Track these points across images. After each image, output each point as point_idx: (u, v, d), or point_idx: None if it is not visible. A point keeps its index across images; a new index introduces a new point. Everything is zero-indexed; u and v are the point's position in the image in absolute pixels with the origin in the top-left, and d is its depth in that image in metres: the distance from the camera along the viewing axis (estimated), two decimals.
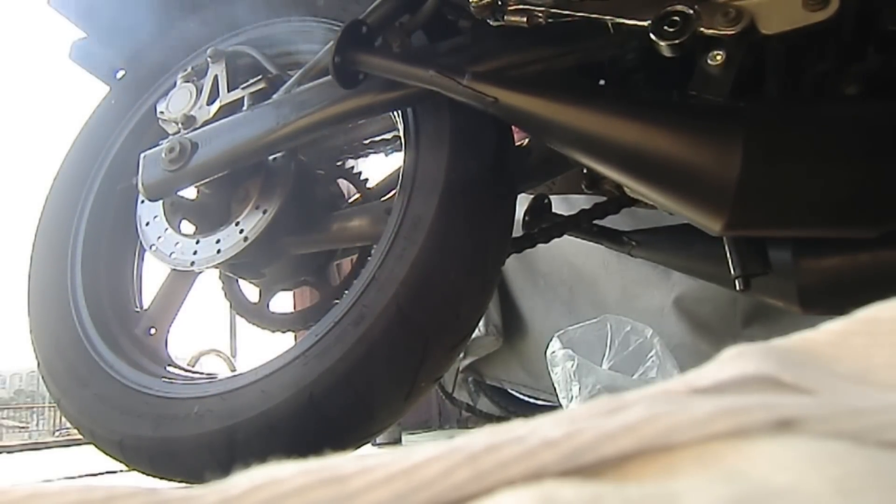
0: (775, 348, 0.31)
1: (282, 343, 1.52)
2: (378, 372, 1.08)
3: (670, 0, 0.84)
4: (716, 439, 0.25)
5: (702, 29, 0.82)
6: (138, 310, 1.50)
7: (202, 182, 1.31)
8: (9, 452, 4.24)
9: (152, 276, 1.54)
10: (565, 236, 1.44)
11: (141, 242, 1.42)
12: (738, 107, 0.85)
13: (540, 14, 0.95)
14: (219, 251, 1.28)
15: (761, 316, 1.88)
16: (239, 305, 1.51)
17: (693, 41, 0.83)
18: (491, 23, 1.01)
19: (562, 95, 0.96)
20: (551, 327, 2.33)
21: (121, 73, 1.61)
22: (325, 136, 1.41)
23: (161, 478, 1.23)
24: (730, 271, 1.01)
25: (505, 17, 0.98)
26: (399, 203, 1.14)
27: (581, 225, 1.41)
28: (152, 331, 1.45)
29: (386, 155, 1.60)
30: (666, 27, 0.84)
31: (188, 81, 1.39)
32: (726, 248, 1.01)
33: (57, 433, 9.72)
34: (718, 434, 0.25)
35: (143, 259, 1.55)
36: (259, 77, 1.31)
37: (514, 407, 3.04)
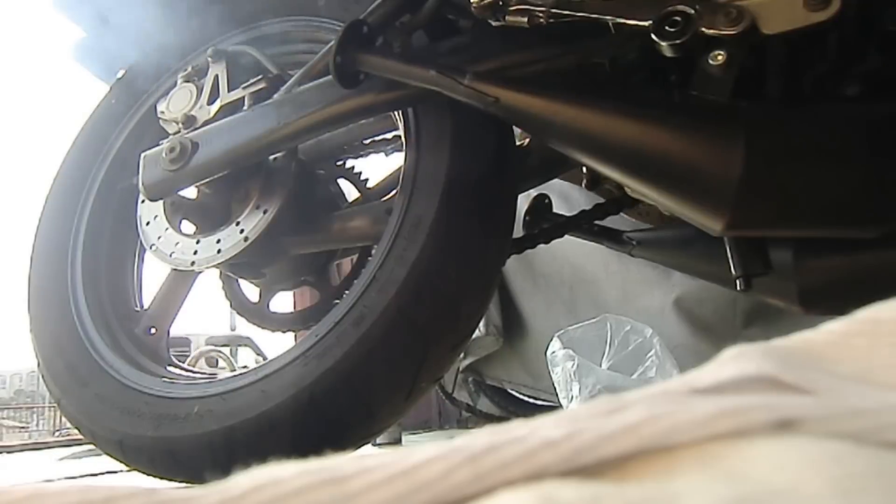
0: (775, 348, 0.31)
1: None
2: (378, 372, 1.08)
3: (671, 0, 0.84)
4: (716, 439, 0.25)
5: (703, 29, 0.82)
6: (138, 309, 1.50)
7: (203, 182, 1.31)
8: (9, 452, 4.24)
9: (153, 276, 1.54)
10: (566, 236, 1.44)
11: (141, 242, 1.42)
12: (739, 107, 0.85)
13: (541, 14, 0.95)
14: (219, 251, 1.27)
15: (761, 316, 1.88)
16: (239, 305, 1.51)
17: (694, 41, 0.82)
18: (492, 23, 1.01)
19: (563, 95, 0.96)
20: (551, 327, 2.33)
21: (121, 73, 1.61)
22: (325, 135, 1.41)
23: (161, 478, 1.23)
24: (730, 271, 1.01)
25: (506, 18, 0.98)
26: (400, 203, 1.14)
27: (582, 225, 1.41)
28: (152, 330, 1.45)
29: (386, 155, 1.60)
30: (667, 27, 0.83)
31: (189, 81, 1.39)
32: (727, 248, 1.01)
33: (57, 433, 9.72)
34: (718, 434, 0.25)
35: (143, 259, 1.55)
36: (259, 77, 1.31)
37: (514, 407, 3.04)
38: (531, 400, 2.99)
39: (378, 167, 1.63)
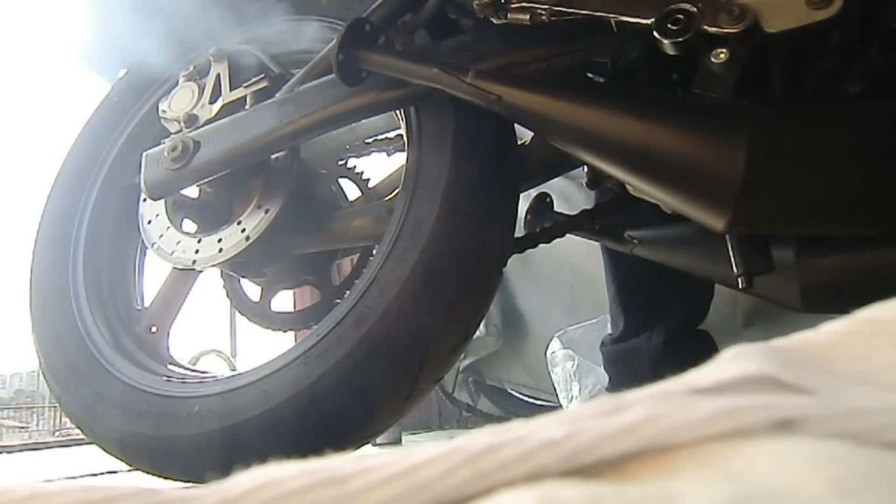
0: (775, 348, 0.31)
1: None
2: (379, 373, 1.08)
3: None
4: (716, 439, 0.25)
5: (705, 27, 0.82)
6: (140, 308, 1.50)
7: (204, 181, 1.31)
8: (9, 452, 4.25)
9: (154, 275, 1.54)
10: (566, 237, 1.44)
11: (143, 240, 1.42)
12: (741, 105, 0.85)
13: (543, 12, 0.95)
14: (221, 250, 1.27)
15: (761, 316, 1.88)
16: (240, 304, 1.51)
17: (696, 39, 0.82)
18: (494, 21, 1.01)
19: (565, 93, 0.96)
20: (551, 327, 2.33)
21: (122, 72, 1.61)
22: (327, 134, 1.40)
23: (162, 477, 1.23)
24: (732, 270, 1.00)
25: (508, 16, 0.98)
26: (401, 203, 1.14)
27: (583, 224, 1.41)
28: (153, 329, 1.45)
29: (388, 154, 1.59)
30: (669, 25, 0.83)
31: (190, 80, 1.39)
32: (729, 246, 1.00)
33: (57, 433, 9.74)
34: (718, 434, 0.25)
35: (144, 257, 1.55)
36: (261, 76, 1.31)
37: (514, 407, 3.04)
38: (531, 400, 2.99)
39: (380, 166, 1.63)
